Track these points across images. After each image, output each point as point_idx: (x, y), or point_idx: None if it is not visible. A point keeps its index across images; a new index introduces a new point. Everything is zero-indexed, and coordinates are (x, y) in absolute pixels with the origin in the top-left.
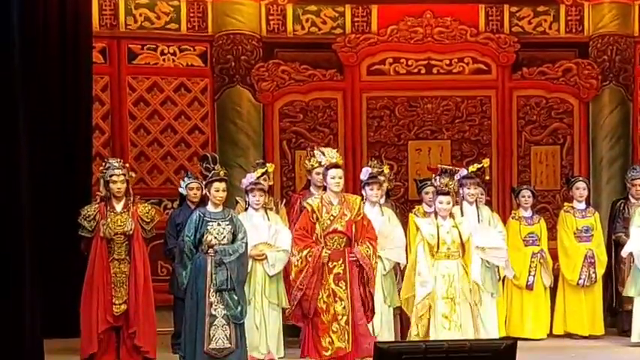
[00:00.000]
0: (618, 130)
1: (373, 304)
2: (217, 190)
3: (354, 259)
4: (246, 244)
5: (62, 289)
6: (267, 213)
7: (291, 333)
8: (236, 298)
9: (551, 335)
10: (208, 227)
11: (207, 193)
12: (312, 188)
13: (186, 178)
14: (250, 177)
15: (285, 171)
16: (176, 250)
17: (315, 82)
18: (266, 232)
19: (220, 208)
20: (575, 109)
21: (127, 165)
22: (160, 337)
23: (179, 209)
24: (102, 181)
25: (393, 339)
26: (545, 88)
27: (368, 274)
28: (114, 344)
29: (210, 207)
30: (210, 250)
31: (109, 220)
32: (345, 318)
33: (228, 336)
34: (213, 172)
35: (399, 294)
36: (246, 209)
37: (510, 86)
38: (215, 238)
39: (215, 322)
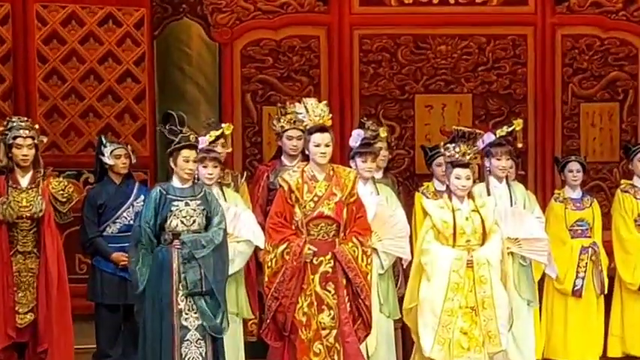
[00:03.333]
0: None
1: (369, 318)
2: (187, 160)
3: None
4: (225, 230)
5: None
6: (222, 190)
7: (255, 352)
8: (213, 304)
9: (604, 358)
10: (173, 209)
11: (172, 165)
12: (283, 158)
13: (108, 144)
14: (201, 142)
15: (248, 134)
16: (130, 240)
17: (289, 15)
18: None
19: (189, 184)
20: None
21: (36, 126)
22: (77, 356)
23: (100, 185)
24: (1, 145)
25: None
26: (599, 25)
27: (355, 282)
28: None
29: (175, 182)
30: (176, 241)
31: (10, 198)
32: (334, 333)
33: (204, 355)
34: (181, 135)
35: (400, 302)
36: None
37: (553, 22)
38: (182, 223)
39: (187, 337)
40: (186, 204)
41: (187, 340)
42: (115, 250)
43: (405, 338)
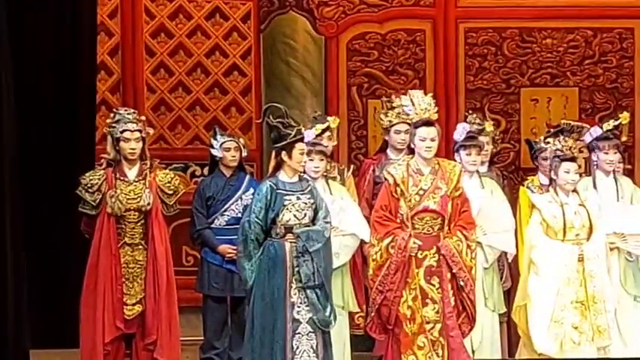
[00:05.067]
0: None
1: (474, 312)
2: (302, 153)
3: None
4: (330, 223)
5: (57, 285)
6: (328, 184)
7: (361, 346)
8: (324, 297)
9: None
10: (285, 203)
11: (286, 158)
12: (389, 151)
13: (219, 136)
14: (307, 135)
15: (353, 127)
16: (238, 235)
17: (394, 8)
18: None
19: (297, 178)
20: None
21: (143, 118)
22: (184, 348)
23: (210, 177)
24: (109, 138)
25: (498, 355)
26: None
27: (460, 276)
28: (123, 358)
29: (283, 176)
30: (290, 235)
31: (118, 191)
32: (438, 327)
33: (314, 347)
34: (296, 128)
35: (507, 296)
36: None
37: None
38: (295, 217)
39: (299, 329)
40: (298, 198)
41: (299, 332)
42: (223, 243)
43: (510, 332)
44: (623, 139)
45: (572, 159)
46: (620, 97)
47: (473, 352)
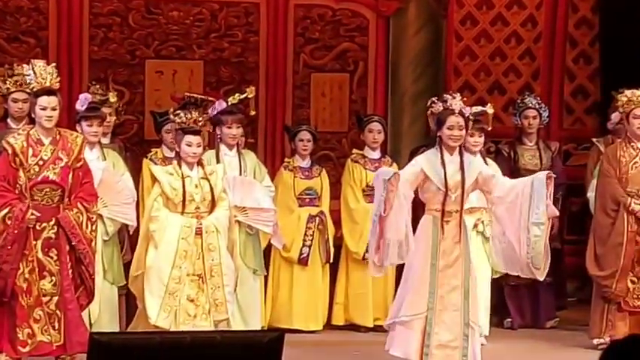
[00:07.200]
0: (426, 57)
1: (92, 285)
2: None
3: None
4: None
5: None
6: None
7: None
8: None
9: (328, 326)
10: None
11: None
12: (9, 120)
13: None
14: None
15: None
16: None
17: None
18: None
19: None
20: (372, 26)
21: None
22: None
23: None
24: None
25: (116, 328)
26: None
27: (79, 249)
28: None
29: None
30: None
31: None
32: (55, 299)
33: None
34: None
35: (125, 268)
36: None
37: None
38: None
39: None
40: None
41: None
42: None
43: (129, 305)
44: (251, 113)
45: (195, 132)
46: (245, 71)
47: (91, 324)
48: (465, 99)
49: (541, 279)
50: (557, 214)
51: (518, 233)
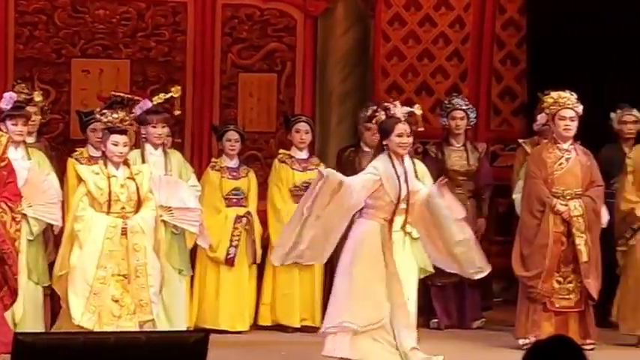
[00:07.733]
0: (353, 57)
1: (16, 285)
2: None
3: None
4: None
5: None
6: None
7: None
8: None
9: (255, 327)
10: None
11: None
12: None
13: None
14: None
15: None
16: None
17: None
18: None
19: None
20: (300, 26)
21: None
22: None
23: None
24: None
25: (41, 328)
26: None
27: (3, 249)
28: None
29: None
30: None
31: None
32: None
33: None
34: None
35: (49, 268)
36: None
37: None
38: None
39: None
40: None
41: None
42: None
43: (54, 305)
44: (176, 112)
45: (121, 131)
46: (172, 71)
47: (15, 325)
48: (392, 100)
49: (487, 272)
50: (465, 213)
51: (445, 254)
